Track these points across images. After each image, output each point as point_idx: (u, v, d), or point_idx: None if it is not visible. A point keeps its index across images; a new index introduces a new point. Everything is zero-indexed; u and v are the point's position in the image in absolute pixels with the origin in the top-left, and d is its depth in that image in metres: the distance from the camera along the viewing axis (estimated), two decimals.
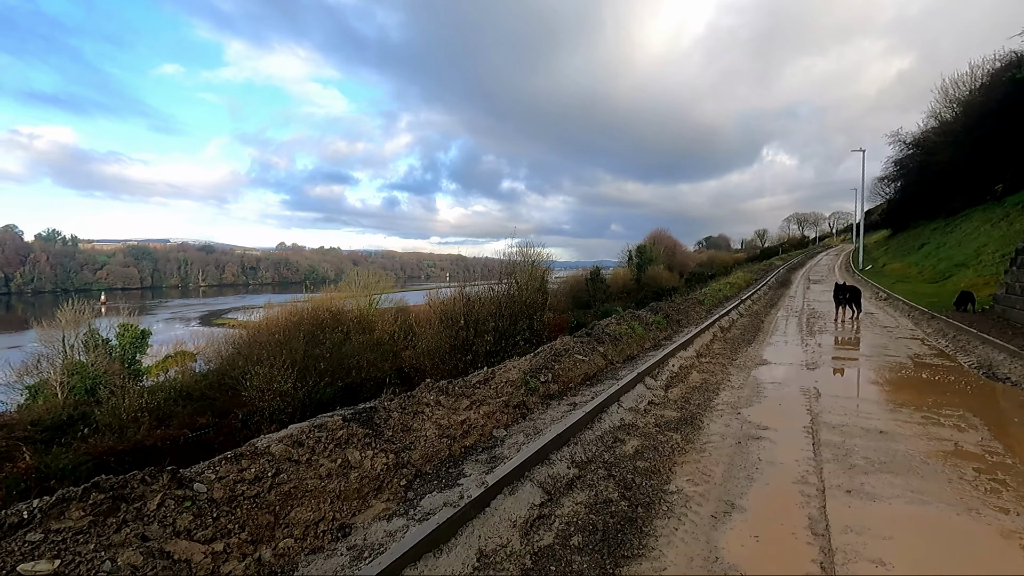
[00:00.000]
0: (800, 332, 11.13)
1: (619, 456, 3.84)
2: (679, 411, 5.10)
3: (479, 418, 4.49)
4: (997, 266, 17.18)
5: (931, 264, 23.84)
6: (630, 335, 8.51)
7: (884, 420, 5.04)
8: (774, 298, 18.89)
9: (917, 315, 12.67)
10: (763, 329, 11.51)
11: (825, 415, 5.22)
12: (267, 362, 17.73)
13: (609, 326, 8.66)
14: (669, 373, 6.53)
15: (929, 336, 10.34)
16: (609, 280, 44.50)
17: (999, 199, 24.90)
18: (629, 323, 9.15)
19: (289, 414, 16.38)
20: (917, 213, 40.18)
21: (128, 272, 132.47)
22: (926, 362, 8.00)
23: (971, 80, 33.64)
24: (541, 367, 5.99)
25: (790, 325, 12.25)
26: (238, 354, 22.92)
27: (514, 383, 5.28)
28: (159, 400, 16.83)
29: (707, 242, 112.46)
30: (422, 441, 3.86)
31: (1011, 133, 25.56)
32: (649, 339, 9.12)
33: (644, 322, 9.75)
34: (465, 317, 16.94)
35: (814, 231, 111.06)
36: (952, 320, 10.54)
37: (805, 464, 3.91)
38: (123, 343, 22.15)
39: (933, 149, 35.76)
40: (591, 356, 6.91)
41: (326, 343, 20.97)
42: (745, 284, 23.95)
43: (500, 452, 3.91)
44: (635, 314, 10.11)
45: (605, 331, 8.22)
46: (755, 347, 9.34)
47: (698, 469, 3.77)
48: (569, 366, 6.30)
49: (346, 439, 3.50)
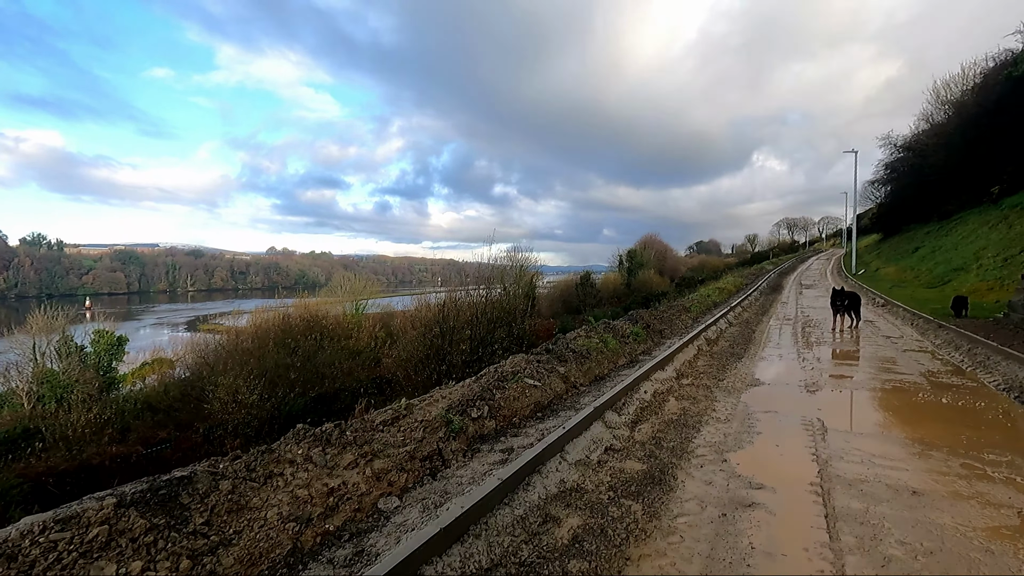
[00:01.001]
0: (795, 344, 9.96)
1: (544, 551, 2.57)
2: (645, 461, 3.85)
3: (364, 481, 3.21)
4: (1000, 270, 16.22)
5: (928, 268, 22.91)
6: (600, 351, 7.27)
7: (914, 471, 3.83)
8: (766, 304, 17.79)
9: (921, 324, 11.57)
10: (754, 340, 10.33)
11: (836, 463, 4.00)
12: (232, 372, 16.44)
13: (576, 340, 7.42)
14: (640, 402, 5.27)
15: (940, 349, 9.20)
16: (600, 285, 44.07)
17: (995, 201, 24.08)
18: (601, 336, 7.91)
19: (255, 427, 15.08)
20: (909, 216, 39.50)
21: (115, 277, 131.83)
22: (944, 381, 6.83)
23: (963, 81, 33.04)
24: (477, 397, 4.72)
25: (784, 335, 11.09)
26: (204, 363, 21.61)
27: (431, 423, 4.01)
28: (109, 414, 15.54)
29: (698, 247, 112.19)
30: (253, 530, 2.58)
31: (1006, 133, 24.79)
32: (624, 354, 7.89)
33: (620, 334, 8.52)
34: (440, 325, 15.79)
35: (804, 236, 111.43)
36: (964, 330, 9.42)
37: (819, 559, 2.68)
38: (98, 350, 20.93)
39: (925, 152, 35.08)
40: (547, 380, 5.65)
41: (298, 351, 19.73)
42: (735, 289, 22.88)
43: (373, 544, 2.64)
44: (610, 325, 8.88)
45: (570, 347, 6.98)
46: (746, 363, 8.13)
47: (661, 572, 2.52)
48: (516, 394, 5.05)
49: (104, 543, 2.21)
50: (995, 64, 27.61)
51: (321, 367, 17.76)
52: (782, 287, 26.25)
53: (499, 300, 19.05)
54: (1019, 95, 23.16)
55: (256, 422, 14.28)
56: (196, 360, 21.00)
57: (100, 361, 20.31)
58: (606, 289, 43.84)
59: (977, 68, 31.43)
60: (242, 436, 13.89)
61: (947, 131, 33.17)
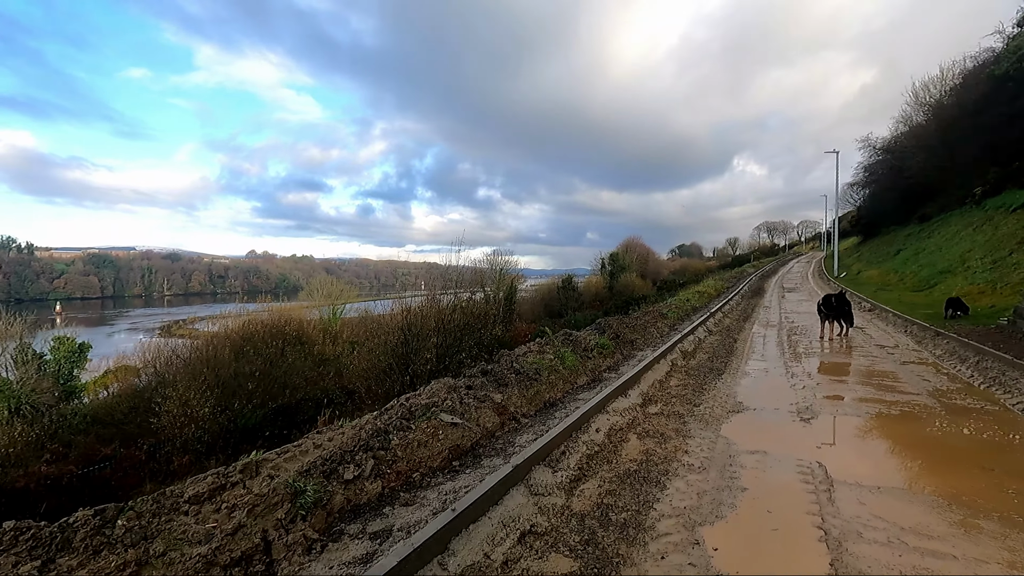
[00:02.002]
0: (782, 355, 8.86)
1: None
2: (579, 555, 2.59)
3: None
4: (990, 272, 15.45)
5: (912, 271, 22.23)
6: (554, 370, 6.03)
7: (966, 561, 2.65)
8: (748, 309, 16.79)
9: (916, 331, 10.59)
10: (736, 351, 9.19)
11: (853, 545, 2.80)
12: (183, 383, 15.06)
13: (526, 357, 6.16)
14: (589, 446, 4.01)
15: (943, 360, 8.16)
16: (582, 288, 43.35)
17: (978, 203, 23.56)
18: (557, 350, 6.67)
19: (207, 442, 13.75)
20: (888, 219, 39.27)
21: (88, 281, 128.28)
22: (959, 404, 5.73)
23: (942, 83, 32.80)
24: (362, 446, 3.42)
25: (768, 344, 9.99)
26: (155, 372, 20.08)
27: (267, 498, 2.70)
28: (54, 428, 14.38)
29: (680, 250, 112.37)
30: None
31: (988, 134, 24.37)
32: (586, 371, 6.66)
33: (582, 347, 7.29)
34: (405, 332, 14.60)
35: (784, 239, 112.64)
36: (967, 339, 8.41)
37: None
38: (58, 357, 19.53)
39: (904, 154, 34.80)
40: (475, 413, 4.37)
41: (258, 360, 18.51)
42: (716, 293, 21.91)
43: None
44: (571, 336, 7.65)
45: (515, 366, 5.72)
46: (726, 380, 6.96)
47: None
48: (423, 437, 3.76)
49: None
50: (975, 64, 27.26)
51: (283, 376, 16.59)
52: (764, 291, 25.42)
53: (468, 306, 17.99)
54: (1001, 95, 22.73)
55: (208, 437, 13.03)
56: (161, 368, 19.76)
57: (60, 369, 19.15)
58: (588, 292, 43.10)
59: (956, 70, 31.20)
60: (192, 452, 12.58)
61: (926, 133, 32.91)
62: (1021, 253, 15.01)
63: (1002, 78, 22.15)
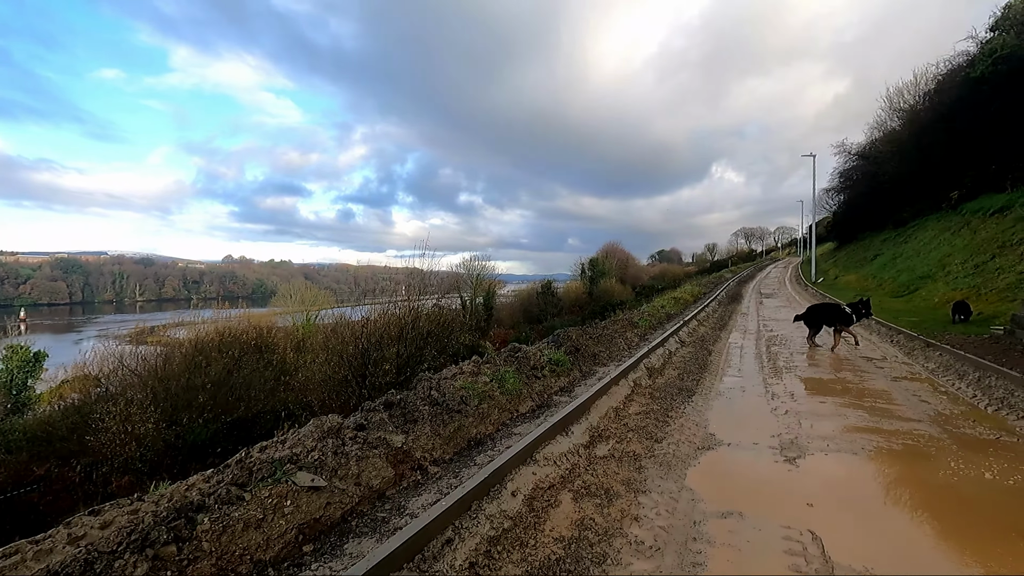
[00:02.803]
0: (761, 370, 7.89)
1: None
2: None
3: None
4: (973, 278, 14.87)
5: (891, 276, 21.76)
6: (488, 396, 4.90)
7: None
8: (724, 316, 15.94)
9: (904, 341, 9.76)
10: (710, 366, 8.19)
11: None
12: (124, 396, 13.74)
13: (454, 380, 5.03)
14: (495, 521, 2.89)
15: (938, 375, 7.28)
16: (562, 293, 43.21)
17: (955, 207, 23.30)
18: (497, 371, 5.55)
19: (151, 460, 12.35)
20: (863, 224, 39.27)
21: (55, 286, 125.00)
22: (970, 435, 4.78)
23: (916, 88, 32.83)
24: (141, 541, 2.26)
25: (746, 357, 9.04)
26: (96, 384, 18.72)
27: None
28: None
29: (660, 256, 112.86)
30: None
31: (964, 138, 24.16)
32: (532, 395, 5.55)
33: (531, 365, 6.18)
34: (366, 340, 13.51)
35: (761, 245, 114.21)
36: (962, 351, 7.57)
37: None
38: (10, 367, 18.42)
39: (879, 159, 34.79)
40: (355, 467, 3.22)
41: (211, 370, 17.16)
42: (692, 299, 21.10)
43: None
44: (518, 352, 6.53)
45: (434, 394, 4.58)
46: (697, 404, 5.93)
47: None
48: (257, 513, 2.60)
49: None
50: (950, 68, 27.15)
51: (239, 388, 15.40)
52: (741, 296, 24.74)
53: (434, 313, 16.90)
54: (977, 98, 22.50)
55: (152, 455, 11.76)
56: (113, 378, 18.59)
57: (12, 379, 18.11)
58: (568, 298, 42.95)
59: (930, 74, 31.22)
60: (133, 472, 11.33)
61: (901, 138, 32.88)
62: (1003, 258, 14.47)
63: (977, 81, 21.93)
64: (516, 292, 44.82)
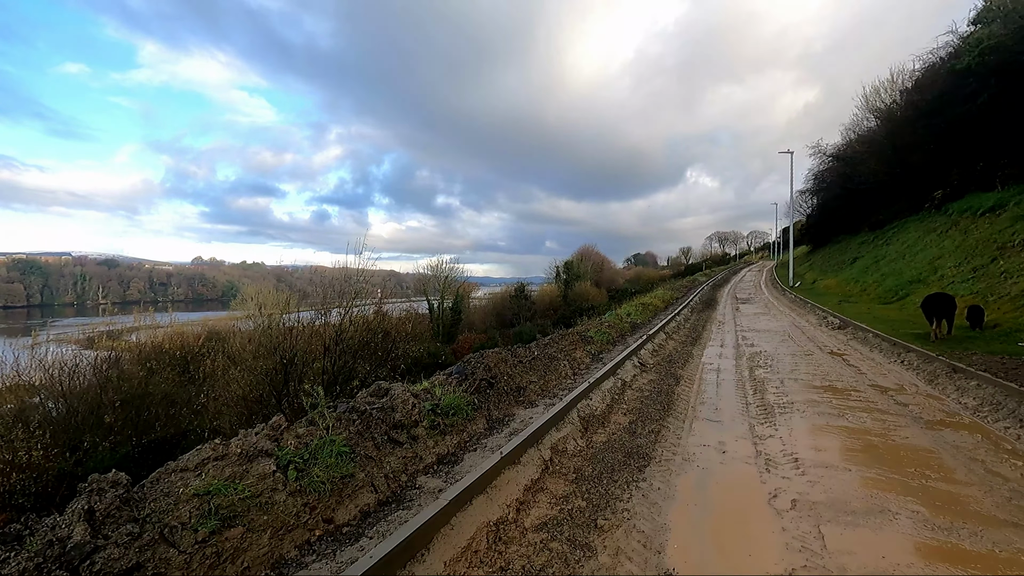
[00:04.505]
0: (746, 409, 5.73)
1: None
2: None
3: None
4: (973, 283, 13.16)
5: (875, 280, 20.14)
6: (257, 507, 2.56)
7: None
8: (697, 326, 13.89)
9: (916, 360, 7.76)
10: (676, 404, 5.99)
11: None
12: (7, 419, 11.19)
13: (197, 474, 2.67)
14: None
15: (987, 418, 5.21)
16: (536, 297, 42.02)
17: (939, 207, 21.92)
18: (304, 447, 3.22)
19: (37, 495, 9.54)
20: (838, 227, 38.28)
21: (12, 288, 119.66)
22: None
23: (893, 86, 31.72)
24: None
25: (725, 386, 6.89)
26: None
27: None
28: None
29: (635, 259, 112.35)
30: None
31: (947, 135, 22.86)
32: (368, 486, 3.23)
33: (390, 423, 3.86)
34: (283, 354, 11.14)
35: (734, 249, 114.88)
36: (1008, 381, 5.56)
37: None
38: None
39: (855, 160, 33.64)
40: None
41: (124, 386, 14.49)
42: (664, 305, 19.10)
43: None
44: (374, 403, 4.21)
45: (145, 514, 2.22)
46: (649, 493, 3.67)
47: None
48: None
49: None
50: (931, 63, 25.92)
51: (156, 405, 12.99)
52: (716, 302, 22.90)
53: (368, 322, 14.59)
54: (962, 92, 21.17)
55: (37, 486, 9.18)
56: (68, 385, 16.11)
57: None
58: (542, 301, 41.83)
59: (907, 72, 30.11)
60: (13, 508, 8.72)
61: (877, 138, 31.77)
62: (1007, 260, 12.80)
63: (963, 74, 20.58)
64: (490, 295, 43.41)
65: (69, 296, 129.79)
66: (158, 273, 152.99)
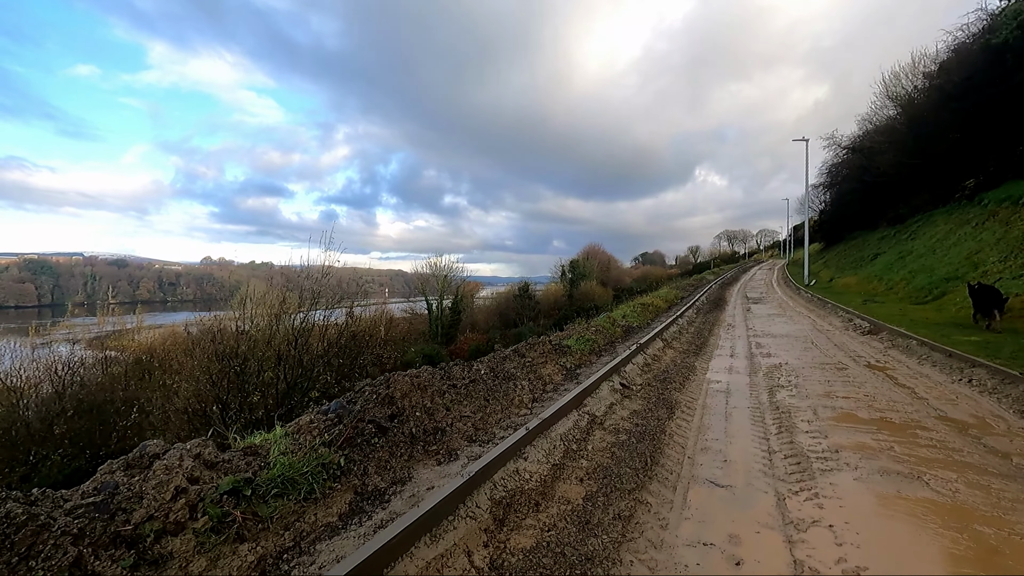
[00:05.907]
0: (770, 464, 3.88)
1: None
2: None
3: None
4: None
5: (902, 278, 18.11)
6: None
7: None
8: (703, 330, 11.98)
9: (989, 380, 5.85)
10: (663, 454, 4.11)
11: None
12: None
13: None
14: None
15: None
16: (540, 296, 41.60)
17: (971, 197, 19.86)
18: None
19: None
20: (853, 223, 36.19)
21: (23, 288, 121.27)
22: None
23: (914, 71, 29.52)
24: None
25: (736, 422, 5.02)
26: None
27: None
28: None
29: (643, 258, 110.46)
30: None
31: (980, 117, 20.71)
32: None
33: (111, 542, 2.09)
34: (223, 362, 9.51)
35: (743, 247, 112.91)
36: None
37: None
38: None
39: (872, 152, 31.48)
40: None
41: (81, 393, 13.44)
42: (667, 305, 17.20)
43: None
44: (133, 465, 2.46)
45: None
46: None
47: None
48: None
49: None
50: (958, 43, 23.76)
51: (111, 414, 11.80)
52: (725, 302, 20.91)
53: (326, 329, 13.11)
54: (997, 71, 19.06)
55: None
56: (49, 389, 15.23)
57: None
58: (547, 300, 41.42)
59: (930, 56, 27.94)
60: None
61: (897, 127, 29.61)
62: None
63: (998, 49, 18.50)
64: (495, 295, 42.54)
65: (79, 296, 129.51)
66: (167, 273, 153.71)
